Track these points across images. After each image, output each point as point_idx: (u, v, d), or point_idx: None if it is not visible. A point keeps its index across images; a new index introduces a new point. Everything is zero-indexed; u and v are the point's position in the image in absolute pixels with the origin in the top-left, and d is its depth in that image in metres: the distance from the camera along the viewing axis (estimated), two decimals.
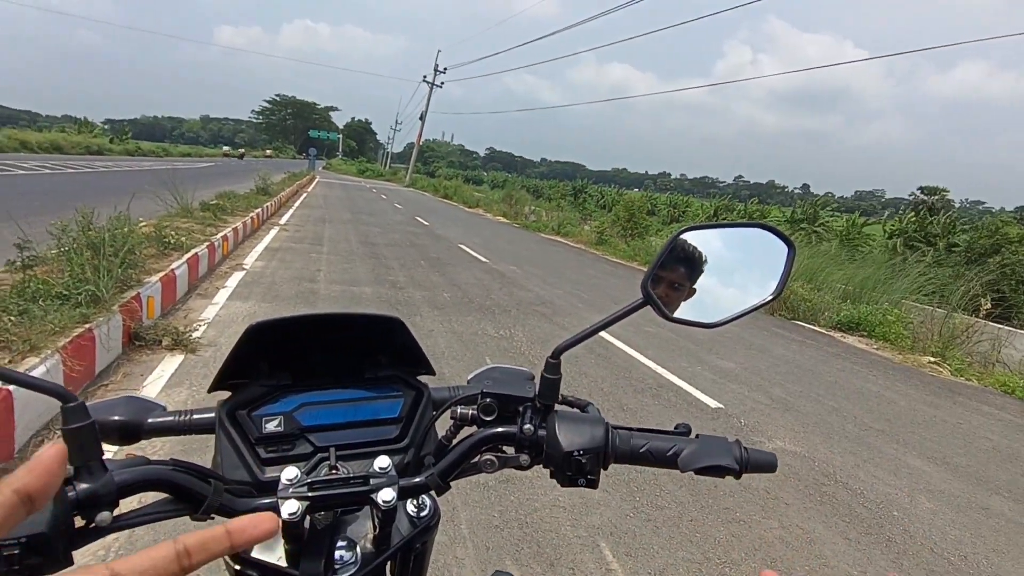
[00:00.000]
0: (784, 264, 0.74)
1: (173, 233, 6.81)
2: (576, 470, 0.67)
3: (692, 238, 0.73)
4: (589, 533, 2.69)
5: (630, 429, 0.72)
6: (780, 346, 7.16)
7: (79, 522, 0.52)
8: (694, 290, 0.71)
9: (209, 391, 0.72)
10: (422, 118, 51.51)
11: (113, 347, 3.82)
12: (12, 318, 3.26)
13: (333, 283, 7.14)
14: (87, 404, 0.56)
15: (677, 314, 0.71)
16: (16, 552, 0.46)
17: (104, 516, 0.53)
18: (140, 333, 4.14)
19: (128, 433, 0.71)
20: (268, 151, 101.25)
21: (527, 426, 0.70)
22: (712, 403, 4.63)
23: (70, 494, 0.51)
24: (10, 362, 2.91)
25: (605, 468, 0.69)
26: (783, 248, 0.74)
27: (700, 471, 0.66)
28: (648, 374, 5.18)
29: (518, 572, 2.37)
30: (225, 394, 0.73)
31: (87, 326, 3.50)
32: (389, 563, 0.72)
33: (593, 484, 0.68)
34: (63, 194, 11.94)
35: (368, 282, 7.51)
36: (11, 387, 2.60)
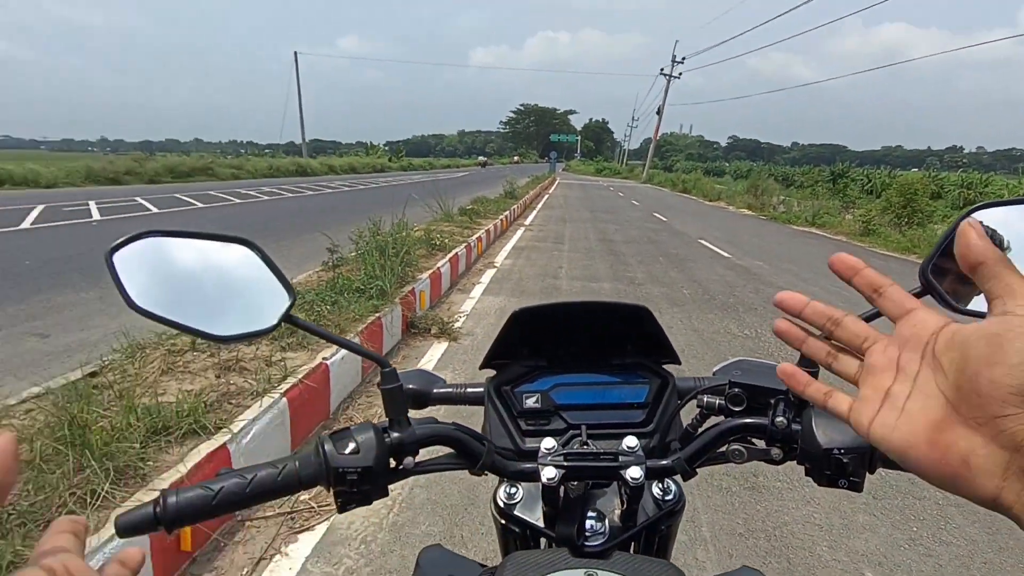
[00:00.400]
0: None
1: (438, 236, 7.78)
2: (836, 470, 0.62)
3: (989, 217, 0.61)
4: (851, 559, 2.39)
5: None
6: None
7: (392, 464, 0.67)
8: None
9: (480, 368, 0.83)
10: (659, 112, 50.56)
11: (395, 333, 4.52)
12: (327, 307, 4.09)
13: (574, 279, 7.44)
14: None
15: (972, 306, 0.61)
16: (354, 478, 0.61)
17: (408, 461, 0.67)
18: (414, 322, 4.83)
19: (420, 399, 0.87)
20: (516, 158, 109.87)
21: (779, 419, 0.67)
22: None
23: (386, 440, 0.65)
24: (327, 343, 3.65)
25: (871, 471, 0.63)
26: None
27: None
28: None
29: None
30: (491, 372, 0.84)
31: (377, 315, 4.20)
32: (634, 542, 0.76)
33: (856, 487, 0.62)
34: (357, 206, 14.46)
35: (607, 278, 7.65)
36: (328, 361, 3.25)
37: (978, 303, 0.61)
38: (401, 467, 0.67)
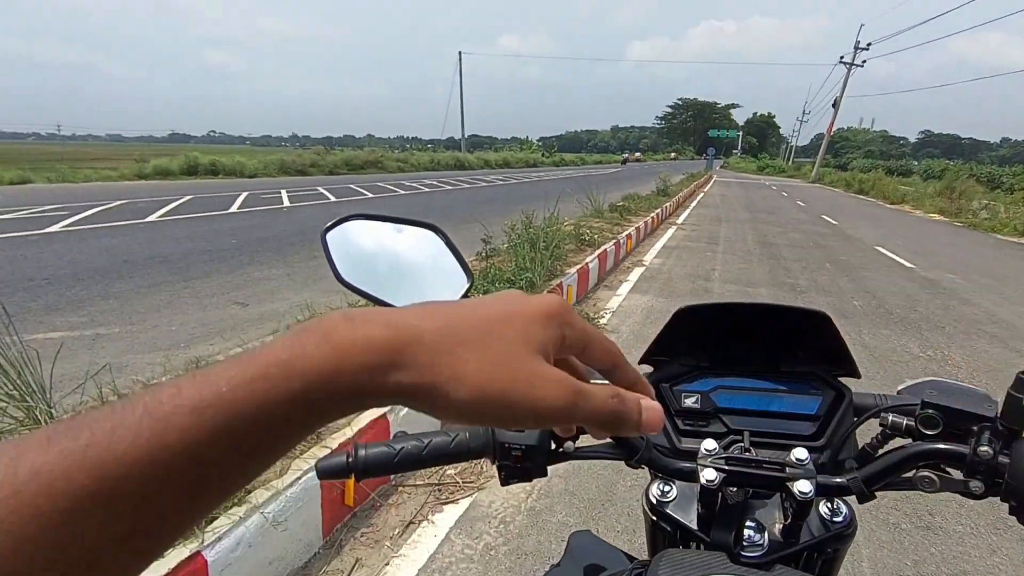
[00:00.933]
0: None
1: (587, 231, 7.80)
2: None
3: None
4: None
5: None
6: None
7: (553, 446, 0.70)
8: None
9: (640, 362, 0.83)
10: (835, 104, 46.01)
11: None
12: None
13: (728, 282, 7.06)
14: None
15: None
16: (519, 454, 0.65)
17: (569, 445, 0.70)
18: None
19: None
20: (672, 154, 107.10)
21: (984, 448, 0.59)
22: None
23: None
24: None
25: None
26: None
27: None
28: None
29: None
30: (649, 368, 0.84)
31: None
32: (794, 560, 0.72)
33: None
34: (509, 200, 14.93)
35: (765, 283, 7.17)
36: None
37: None
38: (561, 450, 0.70)
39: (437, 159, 35.62)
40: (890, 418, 0.68)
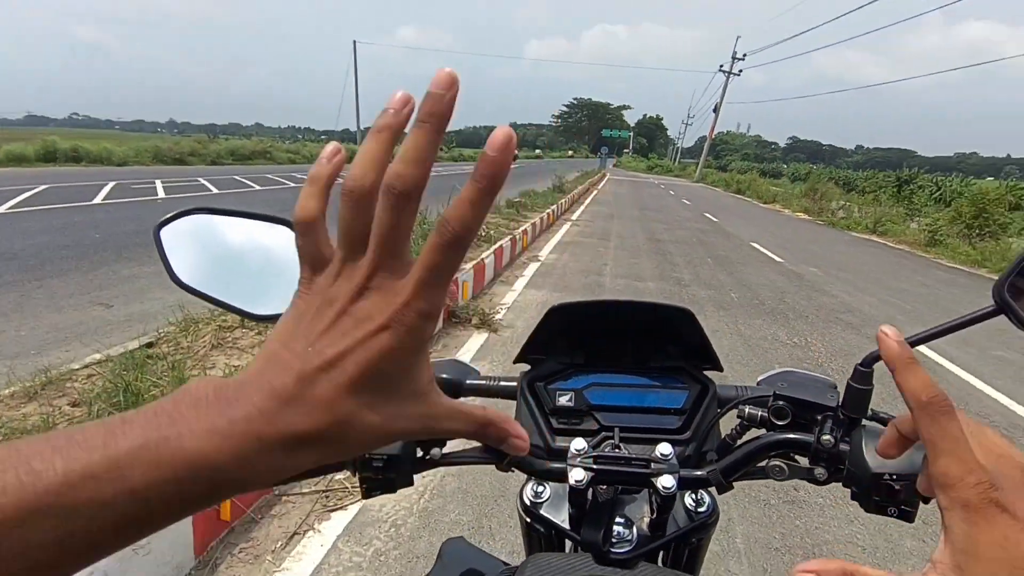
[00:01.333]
0: None
1: (483, 227, 7.80)
2: (886, 496, 0.58)
3: None
4: None
5: None
6: None
7: (419, 453, 0.67)
8: None
9: (515, 362, 0.82)
10: (715, 110, 49.30)
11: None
12: None
13: (618, 277, 7.35)
14: None
15: None
16: (380, 465, 0.61)
17: (436, 451, 0.67)
18: (456, 312, 4.86)
19: (452, 389, 0.86)
20: (570, 152, 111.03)
21: (826, 437, 0.63)
22: None
23: None
24: None
25: (925, 501, 0.59)
26: None
27: None
28: (995, 409, 4.16)
29: None
30: (526, 366, 0.83)
31: None
32: (662, 552, 0.73)
33: (907, 517, 0.58)
34: None
35: (653, 278, 7.53)
36: None
37: None
38: (428, 457, 0.67)
39: None
40: (747, 410, 0.71)
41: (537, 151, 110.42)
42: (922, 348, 5.18)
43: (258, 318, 0.65)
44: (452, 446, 0.68)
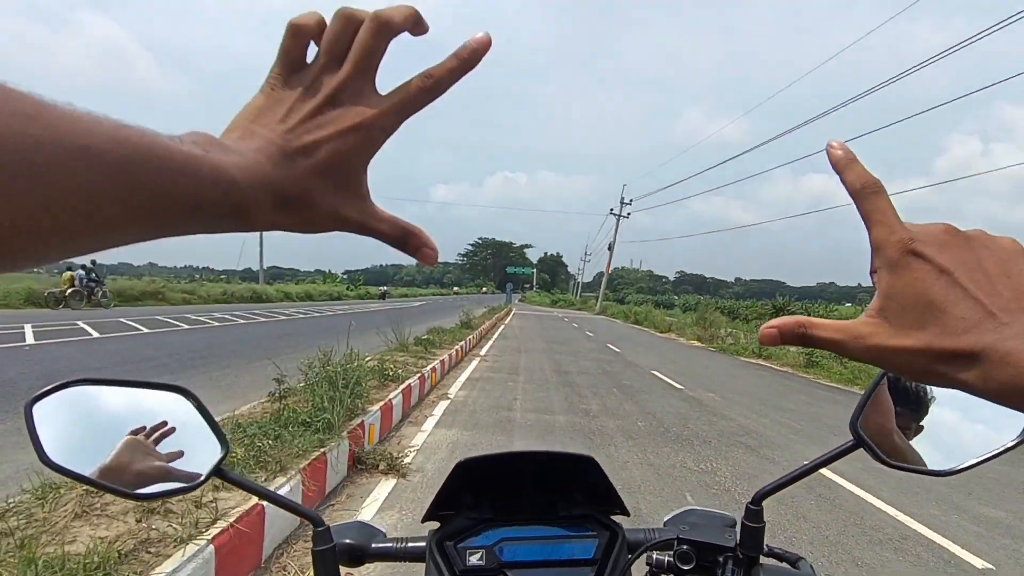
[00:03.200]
0: None
1: (392, 366, 7.66)
2: None
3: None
4: None
5: None
6: None
7: None
8: (921, 427, 0.62)
9: (423, 520, 0.80)
10: (610, 248, 53.28)
11: (340, 470, 4.28)
12: (269, 442, 3.87)
13: (528, 412, 7.33)
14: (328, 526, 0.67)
15: (898, 459, 0.62)
16: None
17: None
18: (362, 457, 4.60)
19: (355, 556, 0.82)
20: (484, 289, 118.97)
21: None
22: (978, 563, 3.71)
23: None
24: (265, 480, 3.41)
25: None
26: None
27: None
28: (885, 521, 4.37)
29: None
30: (435, 524, 0.81)
31: (322, 450, 4.00)
32: None
33: None
34: (311, 334, 14.26)
35: (562, 411, 7.58)
36: (264, 504, 3.03)
37: (909, 454, 0.64)
38: None
39: (231, 291, 33.11)
40: (655, 556, 0.73)
41: (455, 288, 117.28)
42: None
43: (141, 498, 0.60)
44: None
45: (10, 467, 4.05)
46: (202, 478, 0.62)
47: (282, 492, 3.19)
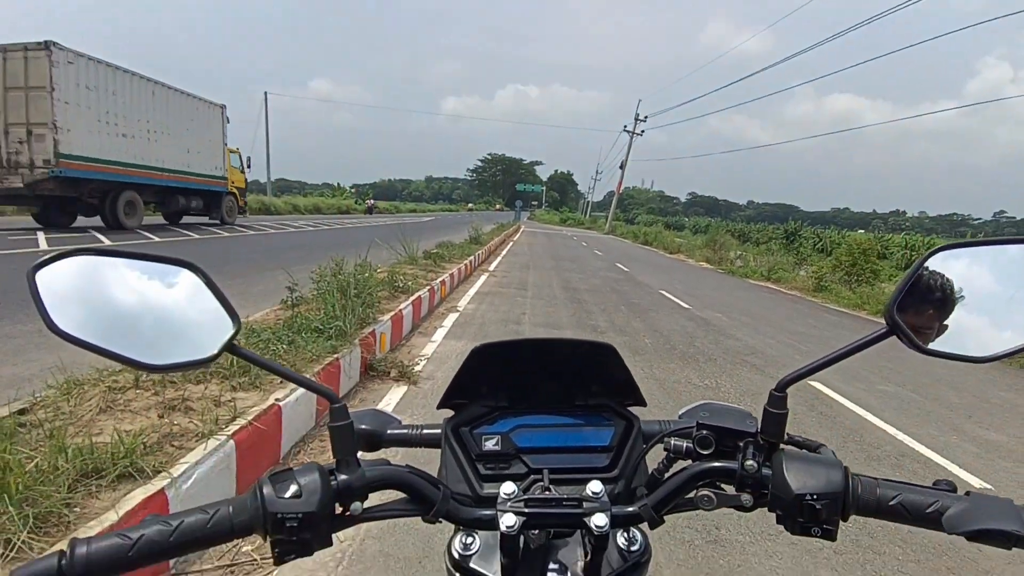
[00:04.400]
0: None
1: (401, 278, 7.71)
2: (809, 517, 0.59)
3: (950, 258, 0.62)
4: None
5: (875, 478, 0.63)
6: None
7: (338, 509, 0.61)
8: (946, 327, 0.60)
9: (438, 407, 0.79)
10: (622, 167, 52.16)
11: (353, 375, 4.39)
12: (283, 346, 3.95)
13: (537, 326, 7.43)
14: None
15: (934, 346, 0.61)
16: (295, 525, 0.56)
17: (356, 506, 0.62)
18: (374, 364, 4.70)
19: (372, 441, 0.82)
20: (497, 206, 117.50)
21: (749, 462, 0.64)
22: (976, 482, 3.82)
23: (332, 483, 0.60)
24: (281, 383, 3.50)
25: (844, 519, 0.60)
26: None
27: (973, 536, 0.54)
28: (884, 439, 4.47)
29: None
30: (449, 412, 0.80)
31: (335, 356, 4.08)
32: None
33: (830, 535, 0.60)
34: (321, 246, 14.30)
35: (570, 326, 7.67)
36: (281, 403, 3.12)
37: (940, 343, 0.62)
38: (348, 513, 0.62)
39: None
40: (672, 442, 0.71)
41: (469, 205, 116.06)
42: (817, 384, 5.57)
43: (154, 369, 0.58)
44: (373, 499, 0.63)
45: (35, 366, 4.17)
46: (215, 351, 0.60)
47: (297, 395, 3.28)
